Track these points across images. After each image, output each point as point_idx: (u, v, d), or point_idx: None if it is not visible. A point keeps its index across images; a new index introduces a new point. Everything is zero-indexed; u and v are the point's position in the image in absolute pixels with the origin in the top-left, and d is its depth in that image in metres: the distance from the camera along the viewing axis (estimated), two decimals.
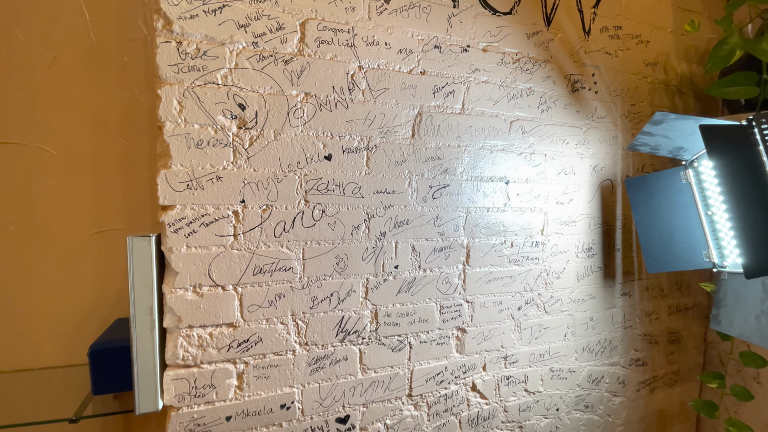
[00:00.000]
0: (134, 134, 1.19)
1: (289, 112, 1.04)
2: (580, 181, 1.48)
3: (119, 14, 1.16)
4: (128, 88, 1.18)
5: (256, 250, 1.03)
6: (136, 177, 1.20)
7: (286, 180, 1.05)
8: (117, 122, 1.18)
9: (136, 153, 1.19)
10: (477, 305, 1.33)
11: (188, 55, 0.93)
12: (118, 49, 1.17)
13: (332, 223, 1.10)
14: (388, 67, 1.14)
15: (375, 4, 1.11)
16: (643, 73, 1.59)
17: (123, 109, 1.18)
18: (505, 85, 1.31)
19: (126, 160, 1.19)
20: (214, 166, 0.98)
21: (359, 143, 1.12)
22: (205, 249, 0.98)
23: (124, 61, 1.17)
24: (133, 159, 1.19)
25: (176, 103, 0.93)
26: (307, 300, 1.09)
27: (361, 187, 1.13)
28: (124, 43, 1.17)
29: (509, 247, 1.36)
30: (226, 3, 0.96)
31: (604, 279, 1.58)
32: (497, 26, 1.28)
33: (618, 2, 1.50)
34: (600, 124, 1.50)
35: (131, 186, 1.20)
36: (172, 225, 0.95)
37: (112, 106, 1.18)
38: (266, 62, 1.00)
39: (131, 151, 1.19)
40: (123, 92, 1.18)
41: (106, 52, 1.16)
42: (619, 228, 1.59)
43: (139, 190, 1.20)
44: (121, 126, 1.18)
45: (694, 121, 1.07)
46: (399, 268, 1.20)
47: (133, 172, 1.20)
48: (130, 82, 1.18)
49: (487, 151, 1.30)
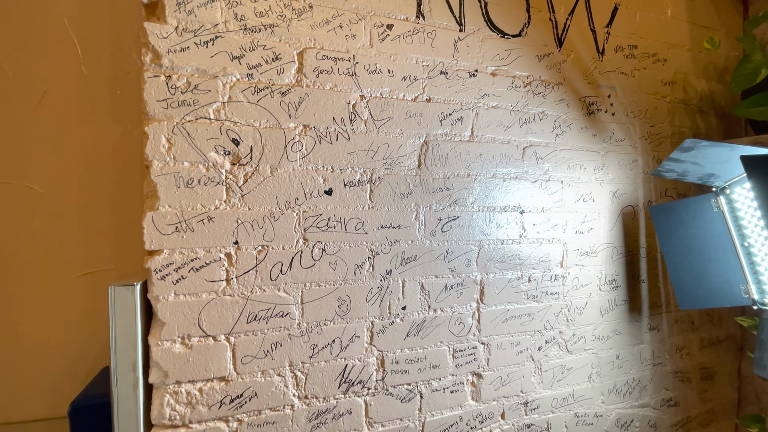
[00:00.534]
0: (126, 170, 1.13)
1: (287, 146, 0.97)
2: (599, 208, 1.39)
3: (112, 47, 1.12)
4: (121, 121, 1.13)
5: (251, 295, 0.94)
6: (126, 215, 1.13)
7: (284, 218, 0.97)
8: (108, 158, 1.13)
9: (127, 189, 1.13)
10: (493, 347, 1.22)
11: (178, 90, 0.88)
12: (111, 82, 1.12)
13: (333, 262, 1.02)
14: (392, 95, 1.07)
15: (377, 31, 1.05)
16: (662, 92, 1.50)
17: (114, 144, 1.13)
18: (517, 110, 1.24)
19: (117, 197, 1.13)
20: (205, 206, 0.90)
21: (362, 176, 1.05)
22: (194, 296, 0.90)
23: (117, 94, 1.13)
24: (124, 196, 1.13)
25: (165, 141, 0.87)
26: (307, 348, 1.00)
27: (364, 222, 1.05)
28: (117, 76, 1.13)
29: (526, 281, 1.26)
30: (219, 34, 0.90)
31: (629, 313, 1.46)
32: (506, 49, 1.22)
33: (632, 21, 1.43)
34: (618, 148, 1.41)
35: (122, 224, 1.13)
36: (158, 271, 0.87)
37: (104, 141, 1.13)
38: (262, 94, 0.94)
39: (122, 188, 1.13)
40: (115, 126, 1.13)
41: (98, 85, 1.12)
42: (643, 257, 1.48)
43: (130, 229, 1.13)
44: (113, 162, 1.13)
45: (729, 149, 0.98)
46: (407, 309, 1.10)
47: (124, 209, 1.13)
48: (123, 115, 1.13)
49: (499, 179, 1.22)
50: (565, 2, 1.31)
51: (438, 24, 1.12)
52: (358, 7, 1.03)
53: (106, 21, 1.12)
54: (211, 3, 0.90)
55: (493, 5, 1.19)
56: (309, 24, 0.98)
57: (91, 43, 1.11)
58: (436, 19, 1.12)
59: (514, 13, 1.23)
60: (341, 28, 1.01)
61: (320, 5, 0.99)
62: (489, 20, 1.19)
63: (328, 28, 1.00)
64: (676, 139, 1.54)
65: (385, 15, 1.06)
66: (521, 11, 1.24)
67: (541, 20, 1.27)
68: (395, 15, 1.07)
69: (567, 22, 1.31)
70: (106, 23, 1.12)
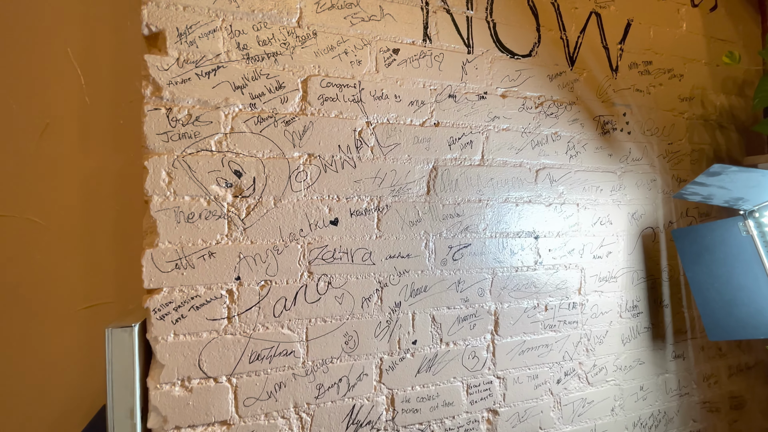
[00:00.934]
0: (128, 201, 1.11)
1: (291, 176, 0.94)
2: (618, 231, 1.32)
3: (115, 76, 1.10)
4: (123, 151, 1.11)
5: (253, 333, 0.90)
6: (128, 247, 1.10)
7: (287, 251, 0.93)
8: (110, 188, 1.11)
9: (129, 221, 1.10)
10: (510, 381, 1.15)
11: (179, 122, 0.85)
12: (113, 111, 1.11)
13: (339, 296, 0.97)
14: (399, 120, 1.04)
15: (383, 56, 1.02)
16: (679, 108, 1.45)
17: (117, 174, 1.11)
18: (529, 132, 1.19)
19: (118, 229, 1.10)
20: (206, 241, 0.87)
21: (369, 204, 1.01)
22: (195, 336, 0.86)
23: (120, 123, 1.11)
24: (126, 227, 1.10)
25: (165, 175, 0.84)
26: (312, 388, 0.94)
27: (371, 252, 1.01)
28: (120, 105, 1.11)
29: (543, 310, 1.20)
30: (221, 64, 0.88)
31: (653, 341, 1.38)
32: (516, 70, 1.18)
33: (646, 36, 1.39)
34: (636, 167, 1.36)
35: (123, 256, 1.10)
36: (158, 311, 0.83)
37: (106, 172, 1.11)
38: (265, 124, 0.92)
39: (124, 219, 1.11)
40: (117, 156, 1.11)
41: (101, 115, 1.10)
42: (665, 281, 1.41)
43: (132, 261, 1.10)
44: (115, 192, 1.11)
45: (760, 174, 0.92)
46: (418, 344, 1.05)
47: (126, 241, 1.11)
48: (125, 145, 1.11)
49: (512, 203, 1.17)
50: (576, 20, 1.27)
51: (445, 47, 1.09)
52: (363, 33, 1.00)
53: (110, 51, 1.11)
54: (213, 33, 0.88)
55: (502, 26, 1.16)
56: (313, 51, 0.96)
57: (95, 73, 1.10)
58: (443, 42, 1.09)
59: (524, 33, 1.19)
60: (346, 54, 0.98)
61: (324, 32, 0.97)
62: (498, 41, 1.15)
63: (333, 54, 0.97)
64: (696, 156, 1.47)
65: (391, 39, 1.03)
66: (531, 31, 1.20)
67: (551, 39, 1.23)
68: (401, 39, 1.04)
69: (578, 40, 1.27)
70: (110, 53, 1.11)
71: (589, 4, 1.29)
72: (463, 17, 1.11)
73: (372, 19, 1.01)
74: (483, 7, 1.14)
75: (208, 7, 0.87)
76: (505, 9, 1.17)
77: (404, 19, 1.04)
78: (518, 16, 1.18)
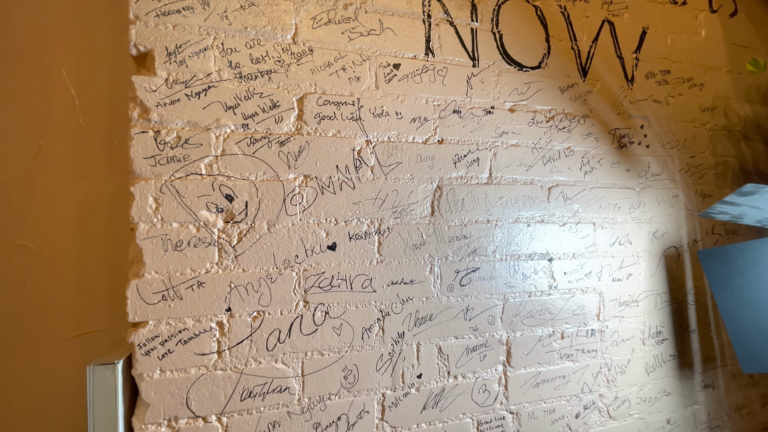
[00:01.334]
0: (123, 225, 1.07)
1: (286, 199, 0.88)
2: (638, 251, 1.23)
3: (110, 97, 1.08)
4: (118, 174, 1.08)
5: (245, 368, 0.84)
6: (122, 273, 1.05)
7: (282, 279, 0.87)
8: (104, 212, 1.07)
9: (123, 246, 1.06)
10: (524, 417, 1.06)
11: (167, 145, 0.81)
12: (108, 132, 1.08)
13: (338, 326, 0.91)
14: (400, 138, 0.98)
15: (383, 71, 0.97)
16: (701, 119, 1.36)
17: (111, 198, 1.07)
18: (539, 147, 1.13)
19: (112, 254, 1.06)
20: (195, 270, 0.82)
21: (369, 227, 0.95)
22: (182, 372, 0.80)
23: (114, 145, 1.08)
24: (121, 252, 1.06)
25: (152, 201, 0.80)
26: (308, 427, 0.87)
27: (372, 279, 0.94)
28: (115, 126, 1.08)
29: (559, 339, 1.11)
30: (212, 83, 0.84)
31: (679, 369, 1.27)
32: (525, 82, 1.12)
33: (663, 44, 1.31)
34: (656, 183, 1.27)
35: (117, 283, 1.06)
36: (143, 346, 0.78)
37: (100, 195, 1.07)
38: (258, 145, 0.87)
39: (118, 244, 1.06)
40: (111, 179, 1.07)
41: (95, 136, 1.07)
42: (691, 304, 1.31)
43: (125, 288, 1.06)
44: (109, 216, 1.07)
45: None
46: (423, 378, 0.97)
47: (120, 266, 1.06)
48: (120, 168, 1.07)
49: (523, 224, 1.10)
50: (588, 29, 1.21)
51: (449, 60, 1.04)
52: (362, 48, 0.96)
53: (105, 72, 1.09)
54: (204, 52, 0.84)
55: (509, 37, 1.10)
56: (309, 68, 0.91)
57: (89, 94, 1.07)
58: (446, 56, 1.03)
59: (533, 44, 1.13)
60: (344, 70, 0.94)
61: (321, 48, 0.92)
62: (505, 53, 1.10)
63: (330, 71, 0.93)
64: (720, 169, 1.38)
65: (392, 54, 0.98)
66: (540, 41, 1.14)
67: (562, 50, 1.17)
68: (402, 54, 0.99)
69: (591, 50, 1.21)
70: (105, 74, 1.08)
71: (601, 12, 1.23)
72: (467, 29, 1.06)
73: (371, 33, 0.97)
74: (488, 18, 1.08)
75: (199, 25, 0.84)
76: (512, 20, 1.11)
77: (405, 33, 1.00)
78: (526, 26, 1.13)
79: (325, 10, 0.93)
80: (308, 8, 0.92)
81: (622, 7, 1.26)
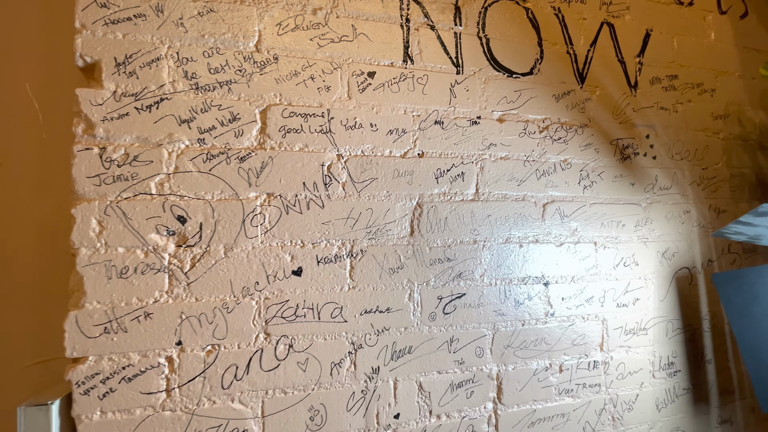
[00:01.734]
0: None
1: (245, 220, 0.81)
2: (646, 273, 1.12)
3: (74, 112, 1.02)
4: None
5: (197, 409, 0.75)
6: None
7: (239, 308, 0.79)
8: (66, 233, 1.01)
9: None
10: None
11: (114, 163, 0.74)
12: (71, 148, 1.02)
13: (303, 361, 0.82)
14: (375, 152, 0.90)
15: (356, 80, 0.90)
16: (713, 128, 1.25)
17: (73, 218, 1.01)
18: (532, 160, 1.03)
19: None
20: (142, 300, 0.74)
21: (340, 249, 0.86)
22: (126, 413, 0.72)
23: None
24: None
25: (95, 224, 0.73)
26: None
27: (342, 307, 0.86)
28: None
29: (557, 372, 1.00)
30: (165, 96, 0.78)
31: (694, 404, 1.14)
32: (515, 90, 1.03)
33: (669, 47, 1.21)
34: (664, 197, 1.16)
35: None
36: (81, 384, 0.70)
37: (63, 215, 1.01)
38: (215, 161, 0.80)
39: None
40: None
41: (59, 153, 1.01)
42: (706, 331, 1.18)
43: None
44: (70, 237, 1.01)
45: None
46: (401, 418, 0.87)
47: None
48: None
49: (515, 244, 1.00)
50: (586, 32, 1.12)
51: (430, 67, 0.96)
52: (332, 55, 0.88)
53: (71, 86, 1.03)
54: (157, 62, 0.77)
55: (497, 41, 1.02)
56: (274, 78, 0.84)
57: (53, 107, 1.02)
58: (427, 62, 0.95)
59: (523, 48, 1.05)
60: (312, 80, 0.86)
61: (287, 56, 0.85)
62: (492, 59, 1.01)
63: (297, 80, 0.86)
64: (736, 182, 1.26)
65: (366, 62, 0.91)
66: (532, 45, 1.06)
67: (556, 54, 1.08)
68: (378, 61, 0.92)
69: (589, 54, 1.12)
70: (71, 88, 1.03)
71: (599, 13, 1.14)
72: (450, 34, 0.98)
73: (343, 39, 0.90)
74: (474, 21, 1.01)
75: (152, 33, 0.78)
76: (500, 23, 1.03)
77: (381, 39, 0.92)
78: (516, 30, 1.04)
79: (292, 16, 0.86)
80: (273, 14, 0.85)
81: (622, 8, 1.17)
